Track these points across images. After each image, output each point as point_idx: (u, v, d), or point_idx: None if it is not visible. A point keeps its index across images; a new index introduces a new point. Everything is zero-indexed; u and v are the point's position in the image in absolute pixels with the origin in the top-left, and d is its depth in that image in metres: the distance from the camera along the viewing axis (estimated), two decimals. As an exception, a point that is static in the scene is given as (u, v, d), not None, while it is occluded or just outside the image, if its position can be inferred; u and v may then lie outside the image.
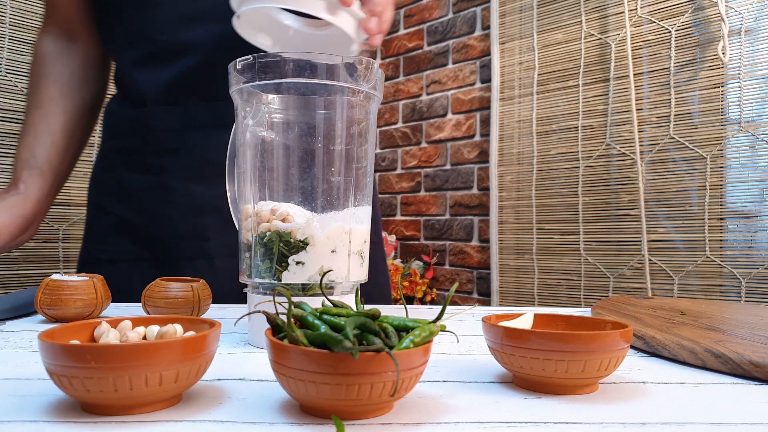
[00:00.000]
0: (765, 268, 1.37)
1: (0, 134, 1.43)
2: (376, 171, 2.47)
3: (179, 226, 0.76)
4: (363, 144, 0.52)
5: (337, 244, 0.48)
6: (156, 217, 0.77)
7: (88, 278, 0.58)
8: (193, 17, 0.74)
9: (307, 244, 0.47)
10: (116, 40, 0.80)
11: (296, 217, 0.48)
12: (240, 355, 0.45)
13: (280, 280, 0.47)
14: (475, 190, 2.07)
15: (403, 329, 0.33)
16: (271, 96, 0.50)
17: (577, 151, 1.72)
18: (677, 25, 1.51)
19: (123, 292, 0.72)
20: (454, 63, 2.18)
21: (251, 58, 0.47)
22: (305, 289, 0.48)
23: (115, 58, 0.83)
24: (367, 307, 0.38)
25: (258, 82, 0.47)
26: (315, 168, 0.49)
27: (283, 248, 0.47)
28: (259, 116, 0.50)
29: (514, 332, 0.36)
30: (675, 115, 1.52)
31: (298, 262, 0.47)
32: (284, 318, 0.41)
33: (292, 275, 0.47)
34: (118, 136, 0.82)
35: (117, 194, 0.80)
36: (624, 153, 1.61)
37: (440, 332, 0.37)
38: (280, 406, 0.33)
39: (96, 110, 0.89)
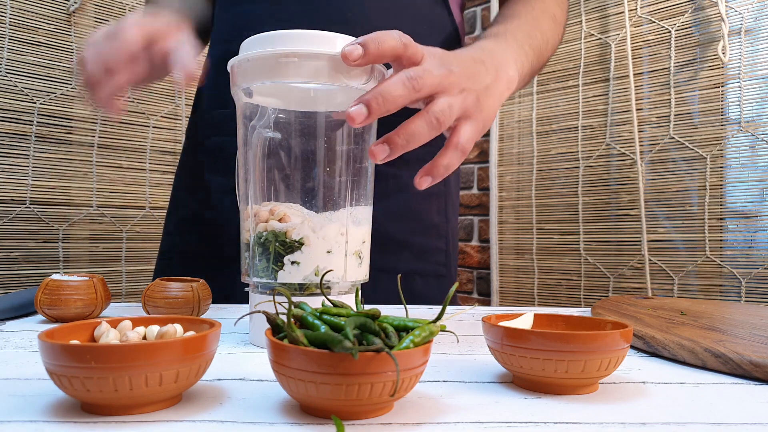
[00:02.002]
0: (765, 268, 1.37)
1: (0, 134, 1.43)
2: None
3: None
4: (363, 144, 0.52)
5: (333, 244, 0.48)
6: (228, 217, 0.75)
7: (88, 278, 0.58)
8: (287, 19, 0.71)
9: (302, 244, 0.47)
10: (218, 30, 0.79)
11: (294, 218, 0.48)
12: (240, 355, 0.45)
13: (276, 280, 0.47)
14: (475, 190, 2.06)
15: (403, 329, 0.33)
16: (272, 97, 0.50)
17: (577, 151, 1.72)
18: (677, 25, 1.51)
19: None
20: (454, 63, 2.18)
21: (247, 59, 0.47)
22: (302, 288, 0.48)
23: (211, 44, 0.81)
24: (368, 307, 0.38)
25: (259, 83, 0.47)
26: (316, 168, 0.49)
27: (279, 248, 0.47)
28: (266, 118, 0.50)
29: (514, 332, 0.36)
30: (675, 115, 1.52)
31: (293, 262, 0.47)
32: (284, 318, 0.41)
33: (288, 275, 0.47)
34: (204, 132, 0.81)
35: (195, 190, 0.80)
36: (624, 153, 1.61)
37: (440, 332, 0.37)
38: (280, 406, 0.33)
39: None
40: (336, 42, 0.46)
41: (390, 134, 0.45)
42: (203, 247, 0.78)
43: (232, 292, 0.72)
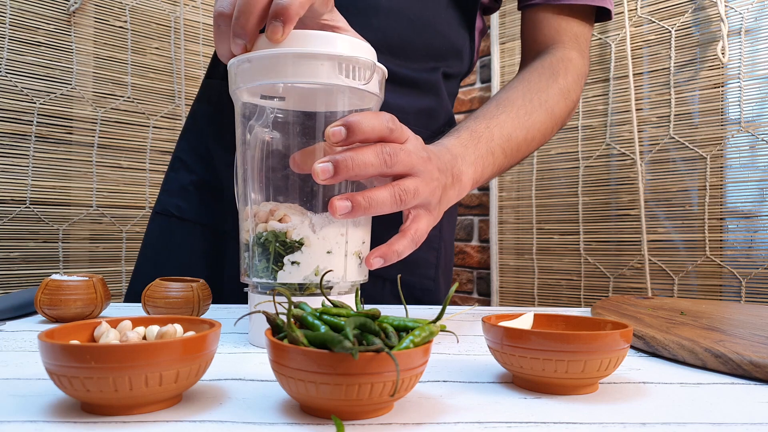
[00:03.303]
0: (765, 268, 1.37)
1: (0, 134, 1.43)
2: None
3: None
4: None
5: (333, 244, 0.48)
6: (230, 186, 0.74)
7: (87, 278, 0.58)
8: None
9: (302, 245, 0.47)
10: None
11: (294, 218, 0.48)
12: (240, 355, 0.45)
13: (276, 280, 0.47)
14: (474, 190, 2.07)
15: (403, 329, 0.33)
16: (271, 97, 0.50)
17: (577, 151, 1.72)
18: (677, 25, 1.51)
19: (181, 255, 0.73)
20: (454, 63, 2.18)
21: (248, 60, 0.47)
22: (302, 288, 0.48)
23: None
24: (368, 307, 0.38)
25: (259, 83, 0.47)
26: None
27: (279, 248, 0.47)
28: (264, 117, 0.50)
29: (514, 332, 0.36)
30: (675, 115, 1.52)
31: (293, 262, 0.47)
32: (284, 318, 0.41)
33: (288, 275, 0.47)
34: (212, 101, 0.80)
35: (201, 154, 0.79)
36: (624, 153, 1.61)
37: (440, 332, 0.37)
38: (280, 406, 0.33)
39: None
40: (336, 42, 0.46)
41: (354, 193, 0.46)
42: (203, 213, 0.78)
43: (225, 265, 0.73)
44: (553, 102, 0.71)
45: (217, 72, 0.81)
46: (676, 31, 1.51)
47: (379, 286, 0.74)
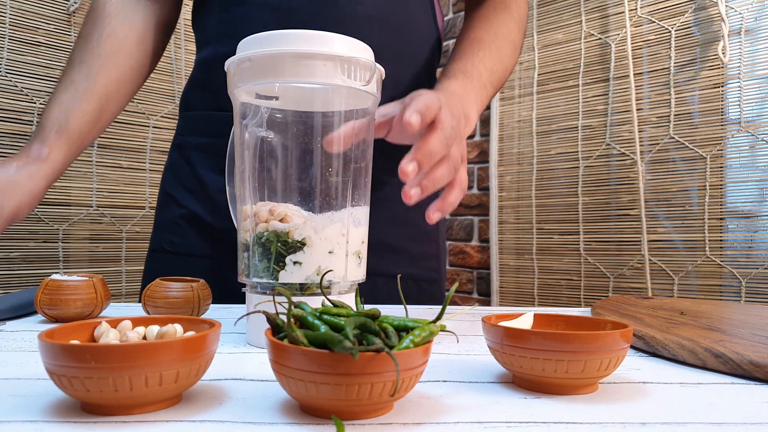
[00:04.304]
0: (765, 268, 1.37)
1: (0, 134, 1.43)
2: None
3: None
4: (361, 145, 0.52)
5: (335, 244, 0.48)
6: (225, 216, 0.75)
7: (87, 278, 0.58)
8: (284, 20, 0.71)
9: (304, 245, 0.47)
10: (207, 30, 0.77)
11: (294, 218, 0.48)
12: (240, 355, 0.45)
13: (278, 280, 0.47)
14: (474, 190, 2.06)
15: (403, 329, 0.33)
16: (269, 97, 0.50)
17: (577, 151, 1.72)
18: (677, 25, 1.51)
19: None
20: (454, 63, 2.18)
21: (249, 59, 0.47)
22: (303, 288, 0.48)
23: (201, 46, 0.79)
24: (368, 307, 0.38)
25: (257, 83, 0.47)
26: (313, 168, 0.49)
27: (280, 248, 0.47)
28: (258, 116, 0.50)
29: (514, 332, 0.36)
30: (675, 115, 1.52)
31: (295, 262, 0.47)
32: (284, 318, 0.41)
33: (290, 275, 0.47)
34: (197, 132, 0.79)
35: (190, 188, 0.79)
36: (624, 153, 1.61)
37: (440, 332, 0.37)
38: (280, 406, 0.33)
39: (141, 80, 0.81)
40: (334, 42, 0.46)
41: (421, 180, 0.51)
42: (201, 245, 0.77)
43: (230, 293, 0.72)
44: (514, 35, 0.78)
45: (198, 103, 0.80)
46: (676, 31, 1.51)
47: (379, 283, 0.74)
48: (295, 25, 0.69)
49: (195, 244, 0.78)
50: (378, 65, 0.49)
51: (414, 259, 0.80)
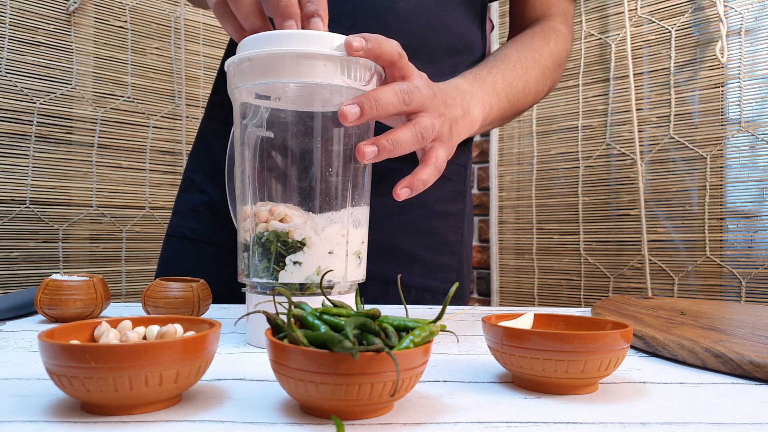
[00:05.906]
0: (765, 268, 1.37)
1: (0, 134, 1.43)
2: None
3: None
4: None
5: (335, 245, 0.48)
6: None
7: (87, 278, 0.58)
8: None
9: (304, 245, 0.47)
10: None
11: (294, 218, 0.48)
12: (240, 355, 0.45)
13: (278, 280, 0.47)
14: (474, 190, 2.06)
15: (403, 329, 0.33)
16: (267, 96, 0.50)
17: (577, 151, 1.72)
18: (677, 25, 1.51)
19: (196, 274, 0.72)
20: (454, 63, 2.18)
21: (249, 59, 0.47)
22: (303, 288, 0.48)
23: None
24: (368, 307, 0.38)
25: (257, 83, 0.47)
26: (313, 168, 0.49)
27: (280, 248, 0.47)
28: (258, 117, 0.50)
29: (514, 332, 0.36)
30: (675, 115, 1.52)
31: (295, 262, 0.47)
32: (284, 318, 0.41)
33: (290, 275, 0.47)
34: (220, 118, 0.79)
35: (211, 174, 0.79)
36: (624, 153, 1.61)
37: (440, 332, 0.37)
38: (280, 406, 0.33)
39: None
40: (334, 41, 0.46)
41: (378, 137, 0.48)
42: (221, 234, 0.77)
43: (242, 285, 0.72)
44: (545, 62, 0.75)
45: (223, 88, 0.80)
46: (676, 31, 1.51)
47: (380, 286, 0.74)
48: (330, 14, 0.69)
49: (215, 233, 0.77)
50: (379, 66, 0.49)
51: (431, 269, 0.78)
